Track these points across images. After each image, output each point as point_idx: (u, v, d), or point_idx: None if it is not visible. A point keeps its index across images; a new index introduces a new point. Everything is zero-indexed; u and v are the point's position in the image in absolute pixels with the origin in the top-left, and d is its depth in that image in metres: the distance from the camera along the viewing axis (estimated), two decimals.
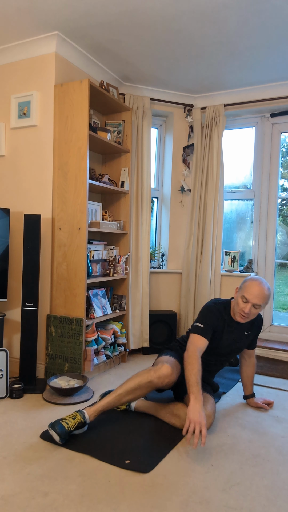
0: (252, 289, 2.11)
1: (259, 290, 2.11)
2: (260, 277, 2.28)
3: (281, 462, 1.83)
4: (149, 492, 1.57)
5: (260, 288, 2.11)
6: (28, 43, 2.82)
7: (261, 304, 2.12)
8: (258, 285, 2.12)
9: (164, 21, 2.51)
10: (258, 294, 2.10)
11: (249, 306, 2.12)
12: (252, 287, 2.12)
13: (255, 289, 2.11)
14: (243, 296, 2.13)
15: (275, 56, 2.93)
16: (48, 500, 1.50)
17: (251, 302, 2.11)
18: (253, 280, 2.16)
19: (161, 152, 3.90)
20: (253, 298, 2.10)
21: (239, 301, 2.15)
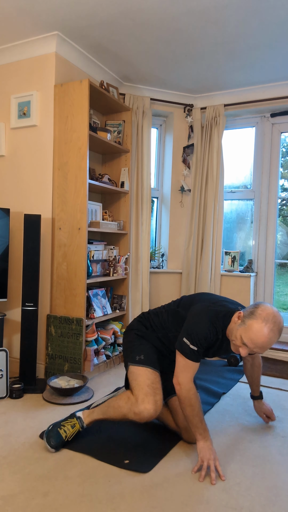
0: (258, 337, 1.60)
1: (267, 339, 1.60)
2: (271, 309, 1.65)
3: (281, 462, 1.83)
4: (149, 492, 1.57)
5: (269, 338, 1.60)
6: (28, 43, 2.82)
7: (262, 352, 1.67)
8: (267, 333, 1.60)
9: (164, 21, 2.51)
10: (264, 344, 1.61)
11: (247, 350, 1.66)
12: (258, 333, 1.60)
13: (262, 338, 1.60)
14: (244, 338, 1.63)
15: (275, 56, 2.93)
16: (48, 500, 1.50)
17: (252, 350, 1.65)
18: (263, 322, 1.60)
19: (161, 152, 3.90)
20: (256, 348, 1.63)
21: (238, 337, 1.67)
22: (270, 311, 1.63)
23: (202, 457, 1.70)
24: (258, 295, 3.72)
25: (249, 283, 3.54)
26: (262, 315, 1.62)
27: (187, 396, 1.73)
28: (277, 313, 1.64)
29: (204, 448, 1.72)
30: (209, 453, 1.71)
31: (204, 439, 1.74)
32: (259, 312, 1.63)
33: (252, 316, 1.64)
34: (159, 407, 1.78)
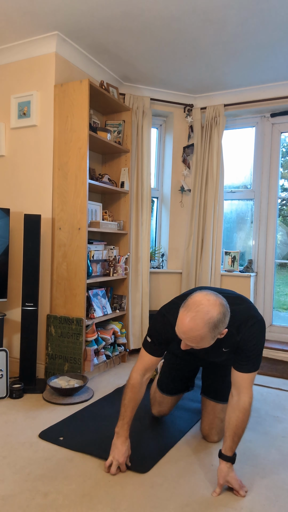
0: (179, 325, 1.44)
1: (187, 328, 1.40)
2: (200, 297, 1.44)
3: (281, 462, 1.83)
4: (149, 492, 1.57)
5: (189, 327, 1.40)
6: (28, 43, 2.82)
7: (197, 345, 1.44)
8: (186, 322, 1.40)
9: (164, 21, 2.51)
10: (185, 333, 1.42)
11: (184, 344, 1.48)
12: (179, 321, 1.43)
13: (182, 327, 1.42)
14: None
15: (275, 56, 2.93)
16: (48, 500, 1.50)
17: (184, 341, 1.46)
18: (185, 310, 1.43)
19: (161, 152, 3.90)
20: (182, 333, 1.43)
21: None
22: (197, 299, 1.43)
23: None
24: (258, 295, 3.72)
25: (249, 283, 3.54)
26: (188, 302, 1.44)
27: (126, 384, 1.72)
28: (206, 302, 1.41)
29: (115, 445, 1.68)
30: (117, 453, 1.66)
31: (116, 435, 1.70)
32: (187, 300, 1.46)
33: (183, 304, 1.48)
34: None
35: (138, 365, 1.73)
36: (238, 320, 1.58)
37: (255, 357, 1.57)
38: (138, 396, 1.70)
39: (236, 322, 1.58)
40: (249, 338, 1.56)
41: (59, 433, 1.99)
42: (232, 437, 1.57)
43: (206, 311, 1.40)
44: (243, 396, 1.57)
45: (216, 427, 1.91)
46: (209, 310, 1.40)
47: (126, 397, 1.70)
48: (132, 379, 1.71)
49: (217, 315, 1.41)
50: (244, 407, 1.56)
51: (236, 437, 1.57)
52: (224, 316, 1.43)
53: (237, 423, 1.56)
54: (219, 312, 1.41)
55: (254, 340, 1.56)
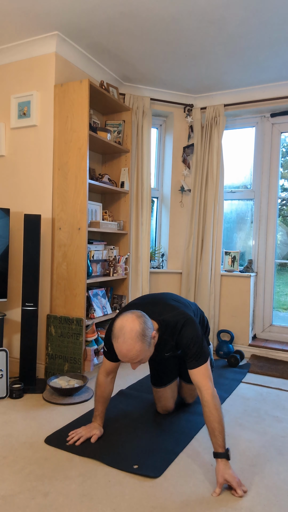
0: (118, 353, 1.65)
1: (125, 351, 1.62)
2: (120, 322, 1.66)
3: (281, 462, 1.83)
4: (149, 492, 1.57)
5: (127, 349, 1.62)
6: (28, 43, 2.82)
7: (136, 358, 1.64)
8: (121, 347, 1.63)
9: (164, 21, 2.51)
10: (126, 356, 1.64)
11: (132, 364, 1.70)
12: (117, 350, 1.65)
13: (121, 353, 1.64)
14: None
15: (275, 56, 2.93)
16: (48, 500, 1.50)
17: (128, 362, 1.68)
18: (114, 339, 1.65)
19: (161, 152, 3.90)
20: (124, 358, 1.65)
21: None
22: (118, 325, 1.65)
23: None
24: (258, 295, 3.72)
25: (249, 283, 3.54)
26: (114, 333, 1.66)
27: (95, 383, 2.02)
28: (126, 323, 1.63)
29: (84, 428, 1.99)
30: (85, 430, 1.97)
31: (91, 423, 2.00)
32: (113, 331, 1.67)
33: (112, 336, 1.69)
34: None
35: (102, 369, 2.01)
36: (169, 328, 1.82)
37: (197, 352, 1.76)
38: (105, 393, 2.00)
39: (168, 330, 1.83)
40: (183, 340, 1.79)
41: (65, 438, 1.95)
42: (213, 433, 1.66)
43: (130, 329, 1.63)
44: (203, 393, 1.71)
45: (189, 396, 2.40)
46: (131, 328, 1.63)
47: (96, 395, 2.02)
48: (98, 379, 2.02)
49: (139, 326, 1.64)
50: (207, 402, 1.69)
51: (216, 432, 1.65)
52: (145, 323, 1.67)
53: (210, 419, 1.67)
54: (139, 323, 1.65)
55: (188, 340, 1.77)
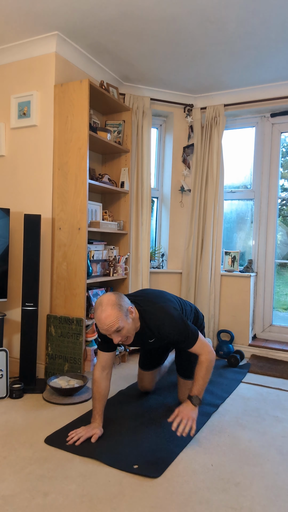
0: (100, 322, 1.83)
1: (103, 316, 1.82)
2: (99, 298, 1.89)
3: (281, 462, 1.83)
4: (148, 492, 1.57)
5: (103, 314, 1.82)
6: (28, 43, 2.82)
7: (119, 324, 1.82)
8: (101, 312, 1.83)
9: (164, 21, 2.51)
10: (108, 321, 1.81)
11: (114, 337, 1.86)
12: (98, 320, 1.84)
13: (100, 318, 1.83)
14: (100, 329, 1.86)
15: (275, 56, 2.93)
16: (48, 500, 1.50)
17: (109, 333, 1.84)
18: (95, 311, 1.87)
19: (161, 152, 3.90)
20: (107, 330, 1.83)
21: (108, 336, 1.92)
22: (98, 301, 1.89)
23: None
24: (258, 295, 3.72)
25: (249, 283, 3.54)
26: (94, 307, 1.95)
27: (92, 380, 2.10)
28: (103, 298, 1.88)
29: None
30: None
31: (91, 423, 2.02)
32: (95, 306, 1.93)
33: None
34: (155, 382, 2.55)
35: (97, 364, 2.10)
36: (149, 321, 1.99)
37: (184, 336, 1.98)
38: (101, 389, 2.05)
39: (149, 324, 1.99)
40: (166, 331, 1.97)
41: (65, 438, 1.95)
42: (196, 381, 2.00)
43: (106, 300, 1.86)
44: (200, 358, 2.03)
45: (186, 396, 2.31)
46: (108, 299, 1.86)
47: (93, 392, 2.07)
48: (94, 376, 2.08)
49: (115, 297, 1.88)
50: (201, 362, 2.02)
51: (196, 382, 1.99)
52: (120, 297, 1.90)
53: (197, 372, 2.01)
54: (115, 297, 1.88)
55: (170, 329, 1.96)
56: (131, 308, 1.92)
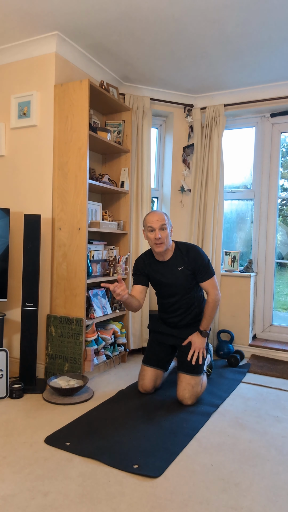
0: (150, 218, 2.38)
1: (155, 214, 2.38)
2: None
3: (281, 462, 1.83)
4: (149, 492, 1.57)
5: (155, 213, 2.39)
6: (28, 43, 2.82)
7: (164, 222, 2.36)
8: (152, 213, 2.41)
9: (164, 21, 2.51)
10: (157, 217, 2.36)
11: (156, 231, 2.35)
12: (149, 217, 2.39)
13: (152, 216, 2.39)
14: (147, 227, 2.39)
15: (275, 56, 2.93)
16: (48, 500, 1.50)
17: (156, 227, 2.35)
18: (147, 213, 2.45)
19: (161, 152, 3.90)
20: (156, 222, 2.35)
21: (149, 235, 2.40)
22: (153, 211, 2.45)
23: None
24: (258, 295, 3.72)
25: (249, 283, 3.54)
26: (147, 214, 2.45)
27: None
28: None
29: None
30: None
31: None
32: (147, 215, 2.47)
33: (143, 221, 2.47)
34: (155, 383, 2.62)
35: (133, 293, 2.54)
36: (182, 246, 2.51)
37: (206, 268, 2.47)
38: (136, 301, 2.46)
39: (182, 248, 2.50)
40: (195, 257, 2.46)
41: (66, 438, 1.96)
42: (205, 318, 2.49)
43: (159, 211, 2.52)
44: (209, 297, 2.48)
45: (189, 391, 2.42)
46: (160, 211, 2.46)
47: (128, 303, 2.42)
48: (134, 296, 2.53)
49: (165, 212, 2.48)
50: (209, 302, 2.47)
51: (205, 319, 2.49)
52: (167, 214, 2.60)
53: (205, 311, 2.49)
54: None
55: (199, 258, 2.46)
56: (172, 227, 2.54)
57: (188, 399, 2.40)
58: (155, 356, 2.61)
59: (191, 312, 2.57)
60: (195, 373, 2.45)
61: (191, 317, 2.59)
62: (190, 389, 2.41)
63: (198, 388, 2.45)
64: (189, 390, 2.41)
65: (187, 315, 2.57)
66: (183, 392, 2.41)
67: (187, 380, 2.43)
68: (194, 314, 2.58)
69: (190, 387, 2.41)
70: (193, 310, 2.58)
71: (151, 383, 2.56)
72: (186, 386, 2.42)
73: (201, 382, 2.48)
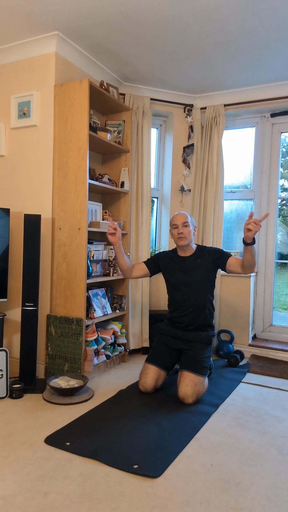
0: (175, 217, 2.63)
1: (179, 214, 2.63)
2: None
3: (281, 462, 1.83)
4: (149, 492, 1.57)
5: (179, 213, 2.64)
6: (28, 43, 2.82)
7: (187, 220, 2.59)
8: (177, 213, 2.64)
9: (164, 21, 2.51)
10: (181, 216, 2.61)
11: (180, 227, 2.58)
12: (174, 216, 2.65)
13: (176, 215, 2.63)
14: (172, 225, 2.63)
15: (275, 56, 2.93)
16: (48, 500, 1.50)
17: (179, 224, 2.59)
18: (174, 214, 2.67)
19: (161, 152, 3.90)
20: (179, 220, 2.60)
21: (173, 232, 2.63)
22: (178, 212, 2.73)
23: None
24: (258, 295, 3.72)
25: (249, 283, 3.54)
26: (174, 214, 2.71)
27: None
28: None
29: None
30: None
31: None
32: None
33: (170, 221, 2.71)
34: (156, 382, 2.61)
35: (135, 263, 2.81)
36: (204, 248, 2.70)
37: (224, 252, 2.65)
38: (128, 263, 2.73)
39: (203, 249, 2.69)
40: (213, 249, 2.67)
41: (66, 438, 1.95)
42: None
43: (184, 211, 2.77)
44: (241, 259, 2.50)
45: (191, 388, 2.41)
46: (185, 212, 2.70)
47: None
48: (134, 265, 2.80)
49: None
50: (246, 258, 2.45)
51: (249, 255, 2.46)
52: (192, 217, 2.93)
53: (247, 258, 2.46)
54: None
55: (217, 249, 2.66)
56: (196, 227, 2.71)
57: (189, 397, 2.39)
58: (160, 356, 2.63)
59: (201, 314, 2.63)
60: (198, 372, 2.46)
61: (201, 319, 2.63)
62: (193, 386, 2.41)
63: (200, 387, 2.45)
64: (191, 387, 2.41)
65: (197, 317, 2.63)
66: (186, 389, 2.40)
67: (190, 377, 2.44)
68: (203, 317, 2.63)
69: (193, 384, 2.42)
70: (203, 312, 2.62)
71: (152, 382, 2.56)
72: (188, 383, 2.42)
73: (203, 383, 2.48)
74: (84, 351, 2.70)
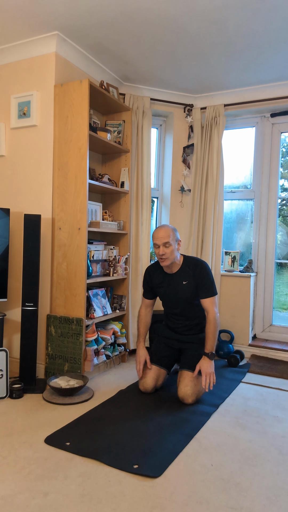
0: (155, 234, 2.45)
1: (160, 231, 2.44)
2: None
3: (281, 462, 1.83)
4: (149, 492, 1.57)
5: (160, 230, 2.44)
6: (28, 43, 2.82)
7: (168, 240, 2.41)
8: (158, 229, 2.46)
9: (164, 21, 2.51)
10: (162, 234, 2.42)
11: (160, 248, 2.43)
12: (154, 233, 2.47)
13: (157, 232, 2.45)
14: (154, 242, 2.47)
15: (275, 56, 2.93)
16: (48, 500, 1.50)
17: (160, 244, 2.42)
18: (156, 228, 2.50)
19: (161, 152, 3.90)
20: (159, 240, 2.42)
21: (155, 250, 2.49)
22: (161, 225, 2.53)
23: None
24: (258, 295, 3.72)
25: (249, 283, 3.54)
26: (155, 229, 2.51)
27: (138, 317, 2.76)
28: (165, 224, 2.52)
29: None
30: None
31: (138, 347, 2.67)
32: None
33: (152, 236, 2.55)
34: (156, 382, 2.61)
35: (142, 305, 2.76)
36: (189, 261, 2.56)
37: (209, 286, 2.50)
38: (146, 319, 2.72)
39: (189, 263, 2.55)
40: (201, 273, 2.50)
41: (66, 438, 1.95)
42: (209, 339, 2.45)
43: (166, 225, 2.49)
44: (209, 315, 2.48)
45: (191, 388, 2.42)
46: (167, 225, 2.50)
47: (140, 321, 2.72)
48: (140, 312, 2.76)
49: (172, 227, 2.50)
50: (210, 320, 2.47)
51: (208, 339, 2.45)
52: (175, 229, 2.50)
53: (207, 330, 2.47)
54: (173, 227, 2.50)
55: (205, 274, 2.50)
56: (180, 241, 2.53)
57: (189, 397, 2.39)
58: (160, 355, 2.64)
59: (194, 321, 2.64)
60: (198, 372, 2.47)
61: (194, 324, 2.65)
62: (193, 386, 2.41)
63: (200, 387, 2.46)
64: (191, 386, 2.41)
65: (190, 323, 2.64)
66: (185, 389, 2.40)
67: (190, 377, 2.44)
68: (197, 322, 2.65)
69: (193, 384, 2.42)
70: (195, 319, 2.64)
71: (152, 382, 2.57)
72: (188, 383, 2.41)
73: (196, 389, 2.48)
74: (84, 351, 2.70)
